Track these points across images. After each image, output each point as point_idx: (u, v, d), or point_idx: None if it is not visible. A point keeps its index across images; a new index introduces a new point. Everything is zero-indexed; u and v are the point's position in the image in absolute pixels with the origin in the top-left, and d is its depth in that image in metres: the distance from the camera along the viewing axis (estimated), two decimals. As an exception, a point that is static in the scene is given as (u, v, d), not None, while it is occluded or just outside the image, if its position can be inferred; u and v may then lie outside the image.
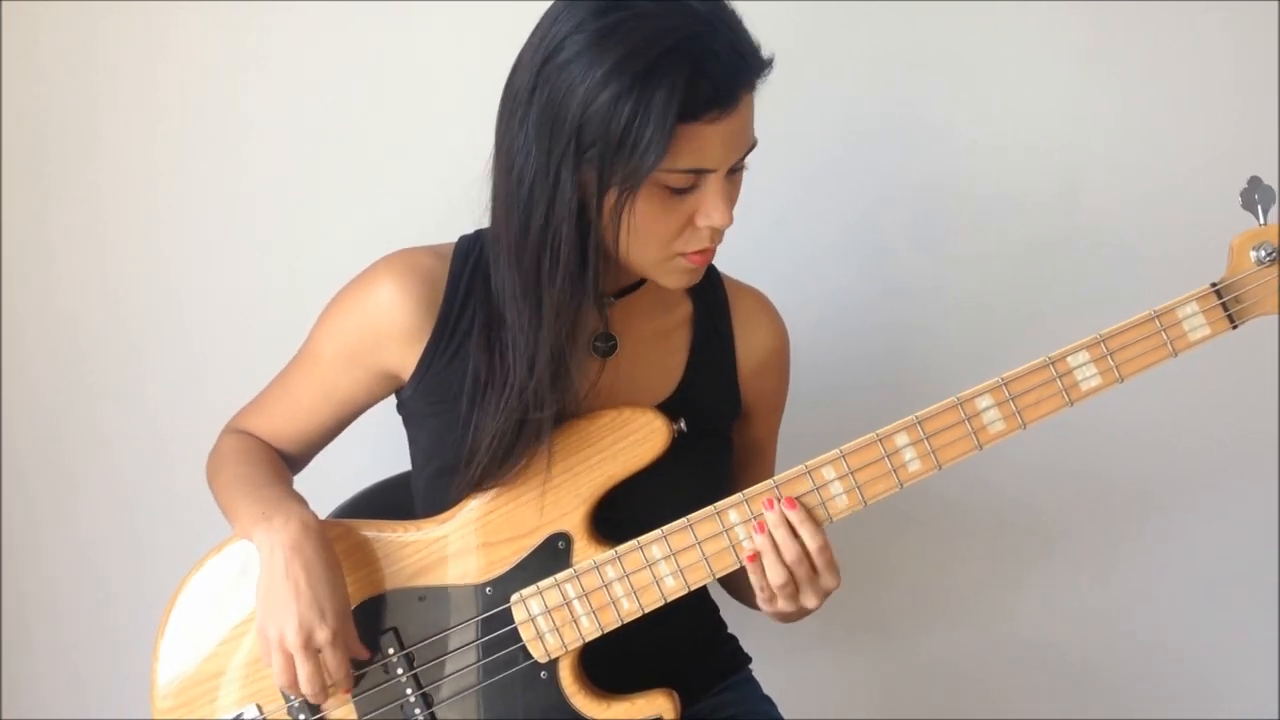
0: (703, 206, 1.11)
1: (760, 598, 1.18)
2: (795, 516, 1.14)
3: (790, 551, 1.14)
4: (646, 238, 1.12)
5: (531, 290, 1.14)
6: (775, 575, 1.14)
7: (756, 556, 1.15)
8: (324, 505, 1.34)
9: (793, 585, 1.15)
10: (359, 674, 1.21)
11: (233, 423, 1.36)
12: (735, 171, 1.14)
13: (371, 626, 1.21)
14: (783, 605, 1.17)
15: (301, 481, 1.32)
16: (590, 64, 1.05)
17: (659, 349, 1.28)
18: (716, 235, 1.15)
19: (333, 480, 1.40)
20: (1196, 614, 1.91)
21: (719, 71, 1.05)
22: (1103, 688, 1.93)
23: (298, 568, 1.14)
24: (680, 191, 1.10)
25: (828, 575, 1.16)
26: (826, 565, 1.15)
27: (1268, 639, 1.92)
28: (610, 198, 1.09)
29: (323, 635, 1.14)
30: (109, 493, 1.77)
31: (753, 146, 1.14)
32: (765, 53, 1.11)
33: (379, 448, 1.44)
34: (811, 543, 1.14)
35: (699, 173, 1.09)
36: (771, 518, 1.14)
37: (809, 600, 1.17)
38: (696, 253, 1.15)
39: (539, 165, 1.09)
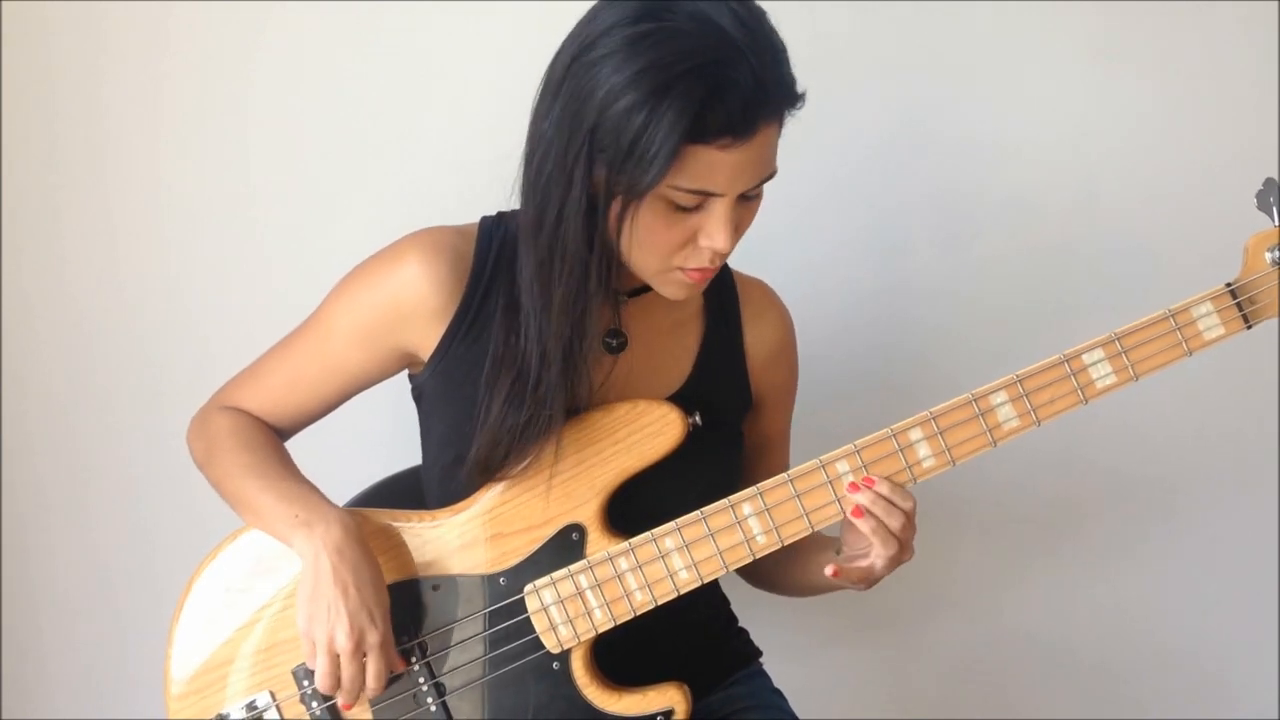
0: (706, 227, 1.11)
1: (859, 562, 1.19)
2: (885, 488, 1.16)
3: (895, 520, 1.16)
4: (648, 247, 1.13)
5: (543, 282, 1.14)
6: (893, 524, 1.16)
7: (862, 512, 1.16)
8: (334, 500, 1.33)
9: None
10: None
11: (221, 396, 1.33)
12: (750, 199, 1.14)
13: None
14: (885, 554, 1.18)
15: (310, 476, 1.30)
16: (615, 68, 1.05)
17: (670, 342, 1.29)
18: (717, 257, 1.14)
19: (341, 475, 1.40)
20: (1204, 613, 1.92)
21: (737, 100, 1.04)
22: (1113, 685, 1.94)
23: (345, 571, 1.14)
24: (686, 209, 1.10)
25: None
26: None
27: (1272, 638, 1.93)
28: (617, 204, 1.09)
29: (373, 637, 1.15)
30: (116, 485, 1.77)
31: (770, 176, 1.13)
32: (799, 87, 1.11)
33: (386, 444, 1.44)
34: (905, 504, 1.16)
35: (705, 194, 1.09)
36: (867, 498, 1.16)
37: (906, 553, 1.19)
38: (695, 269, 1.15)
39: (556, 161, 1.10)
